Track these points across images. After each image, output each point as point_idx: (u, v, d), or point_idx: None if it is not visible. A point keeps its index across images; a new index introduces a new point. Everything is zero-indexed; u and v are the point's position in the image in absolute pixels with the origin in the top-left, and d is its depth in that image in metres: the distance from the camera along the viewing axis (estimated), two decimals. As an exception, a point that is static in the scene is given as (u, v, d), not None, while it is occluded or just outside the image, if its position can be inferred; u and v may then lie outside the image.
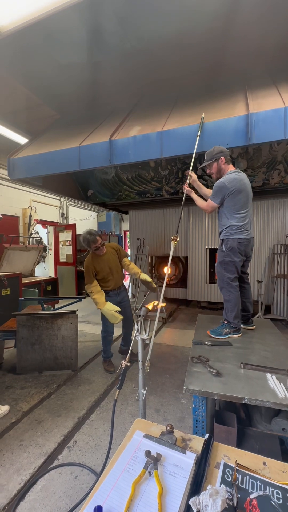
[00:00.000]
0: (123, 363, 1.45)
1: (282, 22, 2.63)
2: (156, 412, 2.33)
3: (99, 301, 2.77)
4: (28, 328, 2.95)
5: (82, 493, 1.57)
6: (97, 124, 3.50)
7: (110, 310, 2.73)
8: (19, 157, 3.43)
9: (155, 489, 0.71)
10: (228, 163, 2.30)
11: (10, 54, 2.96)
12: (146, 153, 2.75)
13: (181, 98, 3.41)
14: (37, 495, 1.57)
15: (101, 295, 2.82)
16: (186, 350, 3.64)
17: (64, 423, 2.20)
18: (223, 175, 2.27)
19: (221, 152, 2.26)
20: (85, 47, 2.94)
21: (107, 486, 0.73)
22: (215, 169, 2.31)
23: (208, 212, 2.34)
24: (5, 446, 1.95)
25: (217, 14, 2.52)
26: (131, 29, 2.70)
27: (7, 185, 6.13)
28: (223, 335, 2.23)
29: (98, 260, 2.89)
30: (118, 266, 3.03)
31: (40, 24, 2.45)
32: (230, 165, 2.31)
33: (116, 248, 3.04)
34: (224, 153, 2.26)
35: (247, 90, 2.87)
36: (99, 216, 10.78)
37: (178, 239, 2.36)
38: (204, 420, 1.53)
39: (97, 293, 2.82)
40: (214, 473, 0.78)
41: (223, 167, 2.28)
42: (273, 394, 1.40)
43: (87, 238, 2.77)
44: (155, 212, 5.99)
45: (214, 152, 2.27)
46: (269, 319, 3.20)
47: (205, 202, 2.32)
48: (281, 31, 2.74)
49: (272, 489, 0.71)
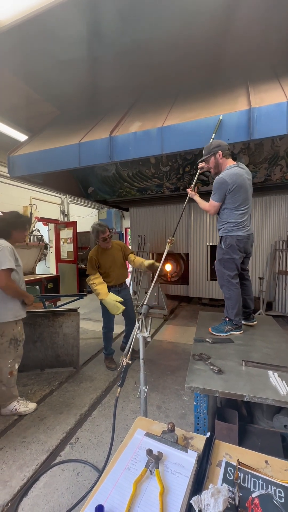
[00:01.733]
0: (124, 361, 1.45)
1: (284, 15, 2.57)
2: (158, 409, 2.34)
3: (101, 292, 2.76)
4: (30, 325, 2.95)
5: (84, 490, 1.59)
6: (97, 120, 3.46)
7: (113, 300, 2.72)
8: (19, 154, 3.41)
9: (156, 488, 0.71)
10: (227, 157, 2.22)
11: (8, 49, 2.93)
12: (146, 150, 2.72)
13: (182, 93, 3.36)
14: (40, 492, 1.58)
15: (103, 286, 2.81)
16: (187, 347, 3.65)
17: (66, 420, 2.21)
18: (222, 170, 2.21)
19: (218, 146, 2.19)
20: (84, 42, 2.89)
21: (108, 485, 0.73)
22: (213, 164, 2.24)
23: (212, 213, 2.27)
24: (8, 443, 1.97)
25: (219, 8, 2.47)
26: (131, 23, 2.65)
27: (7, 182, 6.11)
28: (224, 332, 2.22)
29: (102, 254, 2.91)
30: (122, 263, 3.04)
31: (38, 19, 2.41)
32: (229, 159, 2.24)
33: (122, 245, 3.09)
34: (222, 147, 2.19)
35: (249, 84, 2.83)
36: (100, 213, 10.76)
37: (173, 242, 2.38)
38: (205, 417, 1.53)
39: (99, 284, 2.81)
40: (216, 471, 0.77)
41: (220, 161, 2.21)
42: (275, 391, 1.39)
43: (96, 228, 2.82)
44: (156, 209, 5.96)
45: (211, 146, 2.21)
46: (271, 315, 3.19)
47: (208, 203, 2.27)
48: (284, 24, 2.69)
49: (274, 488, 0.71)
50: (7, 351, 2.17)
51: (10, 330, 2.17)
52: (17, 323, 2.22)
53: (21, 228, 2.28)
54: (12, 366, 2.21)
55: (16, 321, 2.21)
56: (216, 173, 2.26)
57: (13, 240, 2.25)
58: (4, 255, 2.06)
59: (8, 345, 2.17)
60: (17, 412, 2.25)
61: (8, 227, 2.21)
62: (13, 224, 2.23)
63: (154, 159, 4.42)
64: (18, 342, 2.24)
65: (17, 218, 2.28)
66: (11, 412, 2.24)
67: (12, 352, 2.20)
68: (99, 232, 2.82)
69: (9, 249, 2.11)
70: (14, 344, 2.20)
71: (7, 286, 2.08)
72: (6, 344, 2.17)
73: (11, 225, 2.22)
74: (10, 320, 2.16)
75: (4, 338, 2.16)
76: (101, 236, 2.83)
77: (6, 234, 2.21)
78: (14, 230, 2.23)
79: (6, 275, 2.06)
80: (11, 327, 2.18)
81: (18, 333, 2.23)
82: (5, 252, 2.08)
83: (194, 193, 2.43)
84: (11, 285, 2.10)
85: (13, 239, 2.25)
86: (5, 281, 2.05)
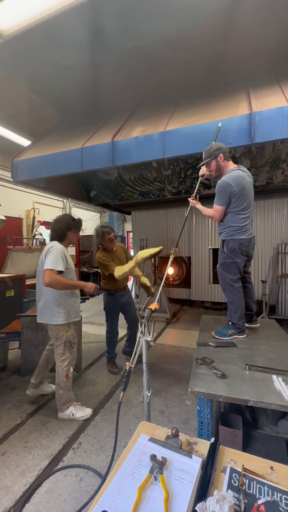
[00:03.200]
0: (127, 365, 1.45)
1: (284, 20, 2.60)
2: (161, 414, 2.32)
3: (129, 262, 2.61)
4: (32, 329, 2.96)
5: (87, 496, 1.57)
6: (100, 125, 3.50)
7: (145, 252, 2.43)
8: (22, 159, 3.45)
9: (161, 494, 0.70)
10: (228, 160, 2.22)
11: (13, 56, 2.98)
12: (148, 154, 2.74)
13: (183, 98, 3.39)
14: (43, 497, 1.57)
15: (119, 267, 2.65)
16: (190, 351, 3.63)
17: (68, 424, 2.20)
18: (223, 173, 2.20)
19: (219, 149, 2.17)
20: (86, 48, 2.94)
21: (112, 491, 0.72)
22: (214, 167, 2.23)
23: (217, 218, 2.23)
24: (10, 448, 1.96)
25: (218, 12, 2.50)
26: (132, 28, 2.69)
27: (10, 187, 6.17)
28: (227, 336, 2.21)
29: (108, 255, 2.90)
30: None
31: (42, 27, 2.46)
32: (230, 161, 2.23)
33: (124, 248, 3.14)
34: (223, 149, 2.18)
35: (250, 88, 2.85)
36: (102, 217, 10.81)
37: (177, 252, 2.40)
38: (209, 422, 1.52)
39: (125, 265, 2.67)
40: (221, 477, 0.76)
41: (222, 164, 2.20)
42: (279, 396, 1.38)
43: (101, 230, 2.83)
44: (158, 212, 5.98)
45: (212, 149, 2.19)
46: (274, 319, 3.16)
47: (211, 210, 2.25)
48: (284, 29, 2.72)
49: (280, 494, 0.70)
50: (63, 354, 2.21)
51: (64, 332, 2.20)
52: (69, 326, 2.25)
53: (76, 229, 2.34)
54: (68, 369, 2.23)
55: (69, 324, 2.23)
56: (218, 176, 2.25)
57: (67, 242, 2.30)
58: (54, 256, 2.07)
59: (63, 348, 2.21)
60: (74, 417, 2.24)
61: (64, 228, 2.25)
62: (69, 225, 2.27)
63: (156, 163, 4.45)
64: (72, 345, 2.26)
65: (72, 220, 2.33)
66: (68, 417, 2.24)
67: (67, 354, 2.23)
68: (104, 233, 2.83)
69: (60, 251, 2.14)
70: (68, 347, 2.23)
71: (54, 281, 2.00)
72: (61, 346, 2.20)
73: (67, 226, 2.26)
74: (61, 323, 2.17)
75: (59, 341, 2.20)
76: (107, 236, 2.84)
77: (61, 236, 2.25)
78: (69, 232, 2.28)
79: (51, 272, 2.02)
80: (65, 329, 2.21)
81: (71, 336, 2.26)
82: (56, 254, 2.10)
83: (196, 202, 2.42)
84: (58, 279, 2.03)
85: (67, 240, 2.30)
86: (48, 279, 1.99)
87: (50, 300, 2.17)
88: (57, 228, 2.24)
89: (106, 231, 2.84)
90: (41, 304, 2.23)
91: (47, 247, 2.18)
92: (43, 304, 2.21)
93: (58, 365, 2.22)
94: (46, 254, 2.12)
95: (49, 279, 2.00)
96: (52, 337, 2.24)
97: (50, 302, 2.17)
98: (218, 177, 2.23)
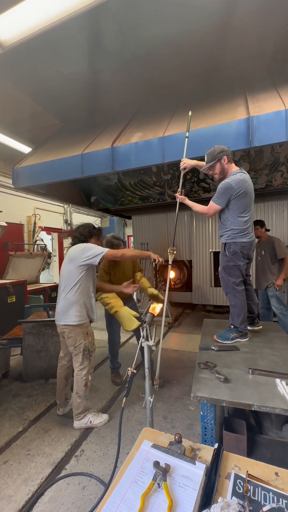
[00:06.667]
0: (129, 370, 1.44)
1: (281, 24, 2.64)
2: (164, 419, 2.30)
3: (116, 304, 2.66)
4: (34, 335, 2.95)
5: (90, 504, 1.55)
6: (99, 131, 3.54)
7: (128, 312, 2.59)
8: (23, 166, 3.49)
9: (164, 501, 0.69)
10: (231, 162, 2.21)
11: (14, 65, 3.04)
12: (148, 159, 2.77)
13: (181, 103, 3.43)
14: (45, 507, 1.55)
15: (117, 298, 2.72)
16: (192, 355, 3.60)
17: (71, 431, 2.18)
18: (227, 175, 2.19)
19: (222, 151, 2.16)
20: (86, 56, 3.00)
21: (115, 499, 0.71)
22: (219, 170, 2.20)
23: (209, 215, 2.26)
24: (12, 456, 1.94)
25: (215, 17, 2.54)
26: (131, 35, 2.74)
27: (11, 193, 6.21)
28: (230, 340, 2.20)
29: (114, 266, 2.87)
30: (131, 276, 2.99)
31: (42, 36, 2.50)
32: (232, 164, 2.22)
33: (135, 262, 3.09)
34: (226, 152, 2.16)
35: (247, 93, 2.88)
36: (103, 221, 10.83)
37: (175, 251, 2.39)
38: (213, 427, 1.50)
39: (113, 297, 2.72)
40: (225, 484, 0.76)
41: (226, 166, 2.19)
42: (283, 400, 1.37)
43: (111, 241, 2.81)
44: (158, 216, 5.99)
45: (215, 152, 2.17)
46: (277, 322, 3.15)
47: (204, 206, 2.25)
48: (280, 33, 2.75)
49: (285, 501, 0.69)
50: (82, 363, 2.20)
51: (82, 340, 2.19)
52: (88, 333, 2.25)
53: (97, 236, 2.41)
54: (87, 377, 2.22)
55: (87, 331, 2.25)
56: (221, 179, 2.23)
57: None
58: (94, 246, 2.19)
59: (82, 357, 2.20)
60: (92, 424, 2.21)
61: (86, 235, 2.33)
62: (91, 232, 2.35)
63: (156, 168, 4.48)
64: (90, 353, 2.26)
65: (94, 228, 2.42)
66: (86, 425, 2.21)
67: (86, 363, 2.22)
68: (114, 246, 2.77)
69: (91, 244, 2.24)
70: (87, 355, 2.22)
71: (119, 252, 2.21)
72: (80, 355, 2.19)
73: (89, 233, 2.34)
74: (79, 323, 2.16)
75: (77, 349, 2.19)
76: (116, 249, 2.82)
77: (84, 242, 2.29)
78: (91, 238, 2.35)
79: (109, 251, 2.16)
80: (83, 337, 2.20)
81: (89, 344, 2.25)
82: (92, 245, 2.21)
83: (183, 197, 2.38)
84: (121, 251, 2.26)
85: None
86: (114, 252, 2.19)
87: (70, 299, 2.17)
88: (80, 235, 2.32)
89: (115, 243, 2.79)
90: (60, 305, 2.22)
91: (78, 248, 2.20)
92: (64, 306, 2.19)
93: (77, 373, 2.20)
94: (83, 251, 2.16)
95: (114, 252, 2.19)
96: (70, 345, 2.20)
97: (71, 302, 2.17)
98: (221, 179, 2.21)
